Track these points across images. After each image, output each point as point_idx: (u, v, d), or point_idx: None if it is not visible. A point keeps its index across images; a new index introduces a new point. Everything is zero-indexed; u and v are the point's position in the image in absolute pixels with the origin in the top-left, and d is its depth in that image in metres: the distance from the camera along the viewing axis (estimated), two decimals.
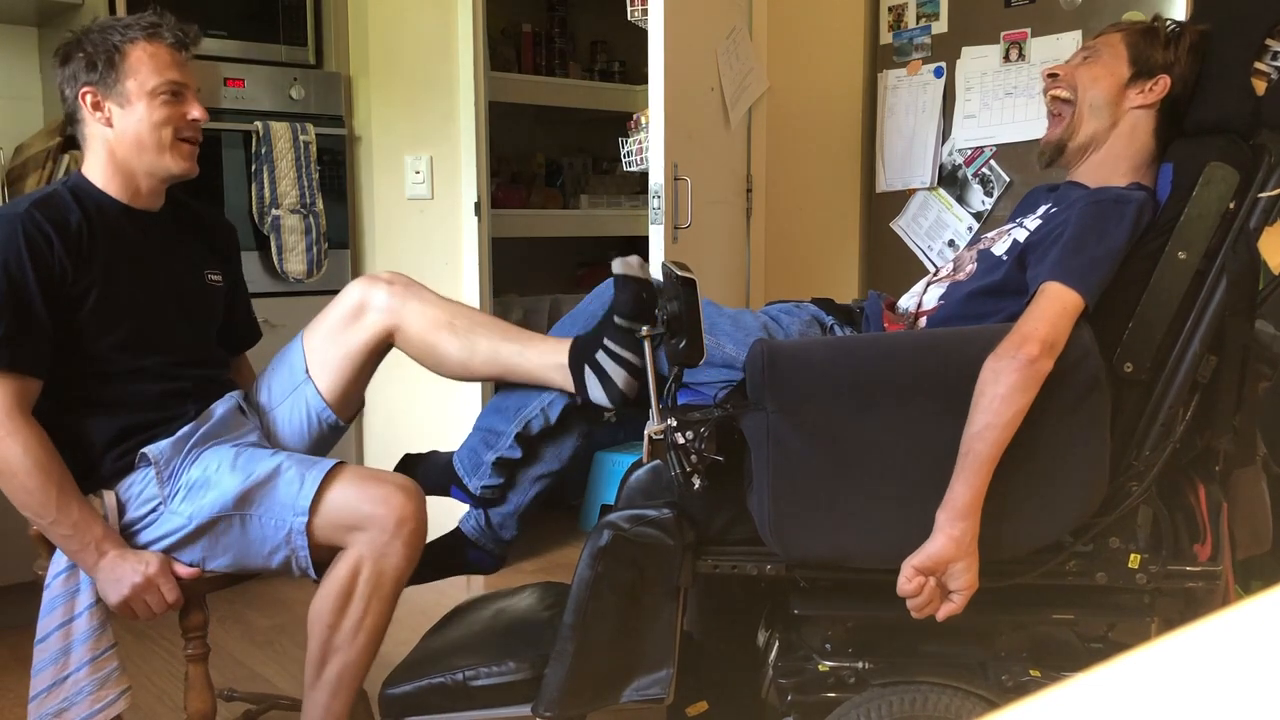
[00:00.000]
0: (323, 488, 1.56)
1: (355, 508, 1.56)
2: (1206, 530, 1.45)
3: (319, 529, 1.56)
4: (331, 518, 1.56)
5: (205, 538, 1.57)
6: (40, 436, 1.51)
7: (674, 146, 2.47)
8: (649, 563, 1.47)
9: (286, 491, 1.56)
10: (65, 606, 1.55)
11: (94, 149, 1.69)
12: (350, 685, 1.60)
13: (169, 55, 1.67)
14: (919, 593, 1.36)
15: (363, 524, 1.55)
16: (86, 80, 1.65)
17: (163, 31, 1.67)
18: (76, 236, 1.59)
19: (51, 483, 1.50)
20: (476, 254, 3.08)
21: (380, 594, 1.57)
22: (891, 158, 3.28)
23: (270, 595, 2.84)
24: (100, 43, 1.64)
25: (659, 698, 1.50)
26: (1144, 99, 1.57)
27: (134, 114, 1.65)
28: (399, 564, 1.57)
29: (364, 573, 1.55)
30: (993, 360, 1.35)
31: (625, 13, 2.66)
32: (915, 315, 1.66)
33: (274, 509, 1.56)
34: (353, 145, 3.17)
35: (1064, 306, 1.38)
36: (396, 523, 1.55)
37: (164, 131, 1.66)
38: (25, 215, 1.55)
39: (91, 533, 1.52)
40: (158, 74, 1.65)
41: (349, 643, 1.58)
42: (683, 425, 1.39)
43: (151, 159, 1.67)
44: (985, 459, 1.33)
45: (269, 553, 1.58)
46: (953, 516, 1.34)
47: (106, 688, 1.53)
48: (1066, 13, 2.85)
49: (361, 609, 1.56)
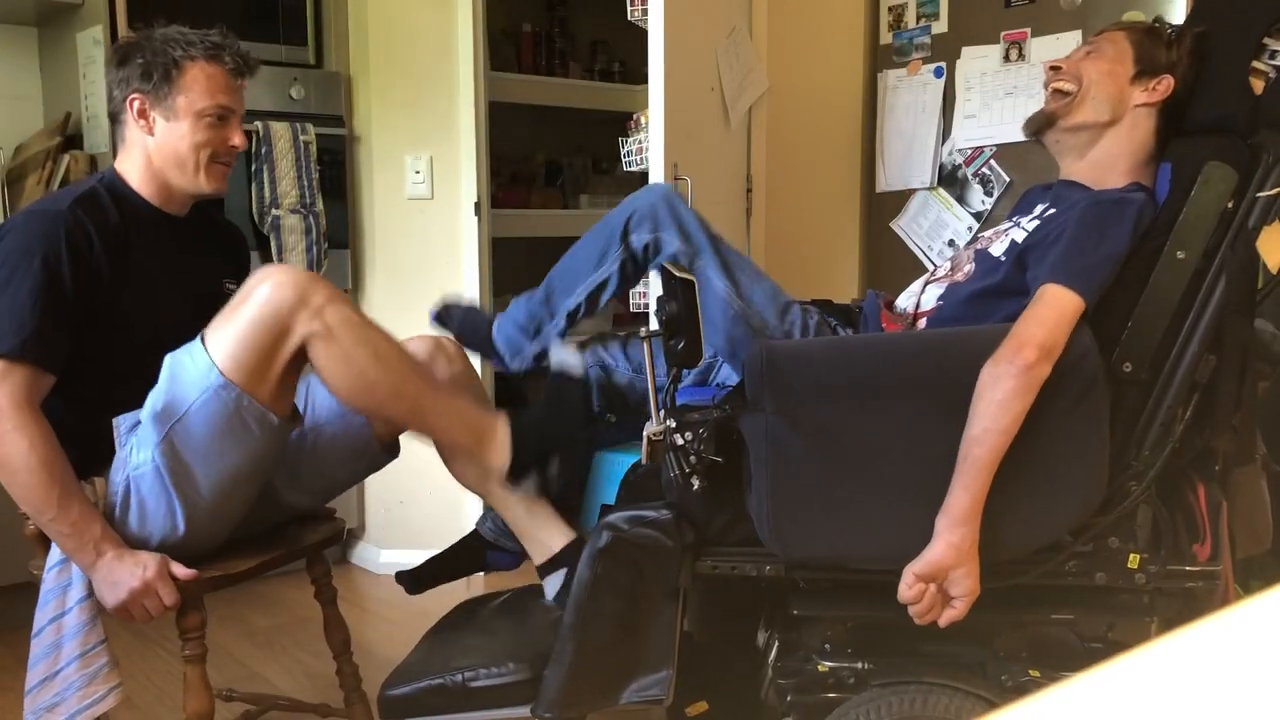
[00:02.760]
0: (210, 343, 1.50)
1: (259, 321, 1.49)
2: (1206, 530, 1.45)
3: (244, 367, 1.49)
4: (246, 349, 1.49)
5: (171, 466, 1.52)
6: (46, 432, 1.50)
7: (674, 146, 2.47)
8: (648, 564, 1.47)
9: (186, 373, 1.51)
10: (57, 601, 1.54)
11: (132, 151, 1.70)
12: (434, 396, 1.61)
13: (225, 79, 1.69)
14: (920, 599, 1.36)
15: (283, 320, 1.49)
16: (139, 88, 1.65)
17: (224, 55, 1.68)
18: (116, 237, 1.60)
19: (55, 480, 1.49)
20: (476, 254, 3.08)
21: (360, 333, 1.53)
22: (891, 158, 3.28)
23: (270, 595, 2.84)
24: (161, 53, 1.65)
25: (659, 698, 1.50)
26: (1148, 97, 1.57)
27: (177, 130, 1.66)
28: (338, 303, 1.52)
29: (333, 333, 1.50)
30: (990, 365, 1.35)
31: (625, 13, 2.66)
32: (914, 316, 1.66)
33: (191, 393, 1.50)
34: (353, 145, 3.17)
35: (1063, 310, 1.38)
36: (296, 285, 1.49)
37: (202, 153, 1.68)
38: (68, 213, 1.57)
39: (90, 532, 1.51)
40: (209, 96, 1.66)
41: (389, 376, 1.54)
42: (682, 426, 1.39)
43: (187, 177, 1.69)
44: (984, 464, 1.33)
45: (227, 429, 1.51)
46: (952, 523, 1.34)
47: (95, 684, 1.51)
48: (1066, 13, 2.85)
49: (365, 352, 1.52)
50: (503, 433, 1.62)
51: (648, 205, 1.67)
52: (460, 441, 1.63)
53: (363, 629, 2.66)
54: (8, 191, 2.77)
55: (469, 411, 1.63)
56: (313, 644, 1.90)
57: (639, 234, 1.66)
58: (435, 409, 1.61)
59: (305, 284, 1.51)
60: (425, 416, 1.61)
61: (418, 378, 1.61)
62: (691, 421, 1.40)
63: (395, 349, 1.59)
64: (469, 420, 1.63)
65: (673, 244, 1.65)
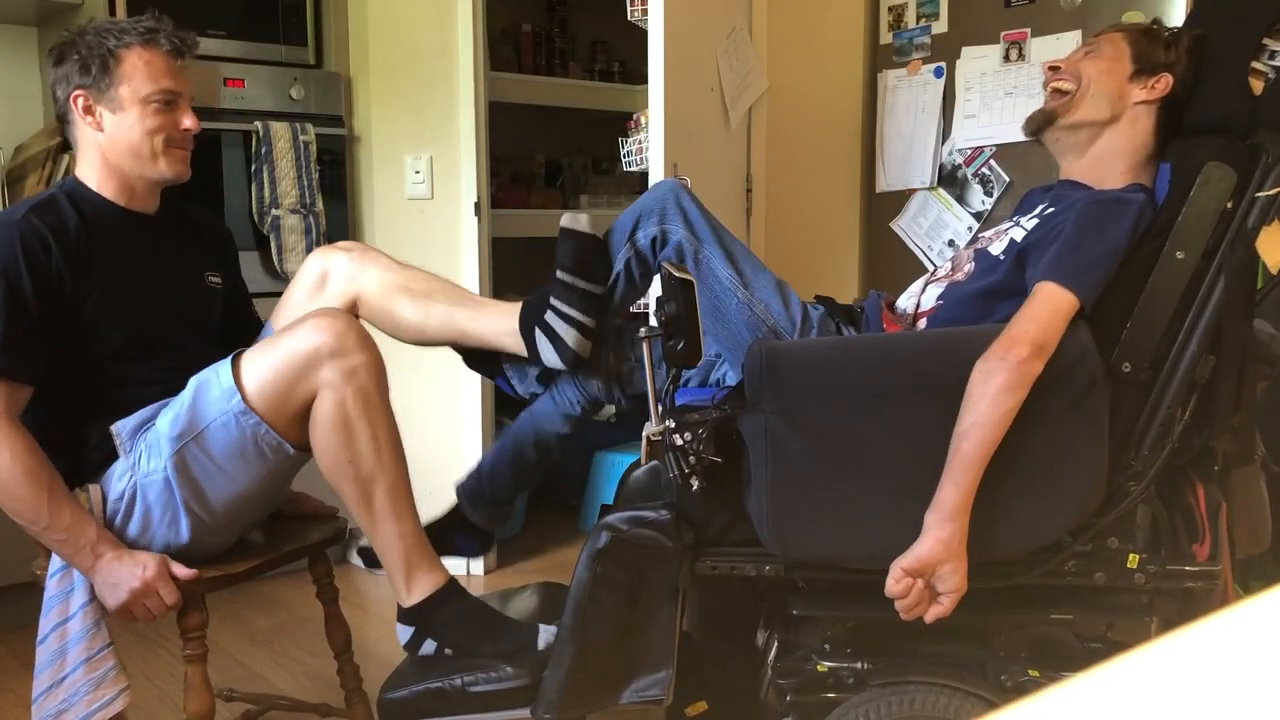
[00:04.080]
0: (243, 367, 1.53)
1: (292, 356, 1.52)
2: (1205, 530, 1.45)
3: (265, 399, 1.52)
4: (272, 380, 1.52)
5: (183, 480, 1.54)
6: (28, 443, 1.49)
7: (674, 146, 2.47)
8: (648, 564, 1.47)
9: (210, 392, 1.53)
10: (60, 607, 1.54)
11: (86, 152, 1.68)
12: (403, 501, 1.58)
13: (164, 62, 1.65)
14: (907, 594, 1.36)
15: (312, 362, 1.51)
16: (79, 83, 1.63)
17: (159, 38, 1.65)
18: (75, 242, 1.58)
19: (41, 489, 1.48)
20: (476, 254, 3.08)
21: (373, 405, 1.53)
22: (891, 158, 3.28)
23: (270, 595, 2.84)
24: (95, 46, 1.62)
25: (658, 699, 1.50)
26: (1147, 95, 1.57)
27: (125, 121, 1.64)
28: (372, 373, 1.53)
29: (346, 397, 1.51)
30: (982, 362, 1.35)
31: (625, 13, 2.66)
32: (914, 316, 1.66)
33: (212, 412, 1.53)
34: (353, 145, 3.17)
35: (1056, 308, 1.38)
36: (338, 336, 1.51)
37: (156, 139, 1.65)
38: (22, 221, 1.54)
39: (85, 535, 1.51)
40: (151, 81, 1.63)
41: (375, 462, 1.54)
42: (681, 427, 1.39)
43: (143, 165, 1.67)
44: (973, 459, 1.33)
45: (241, 453, 1.54)
46: (941, 518, 1.34)
47: (103, 687, 1.51)
48: (1066, 13, 2.85)
49: (366, 428, 1.53)
50: (429, 584, 1.59)
51: (655, 200, 1.69)
52: (390, 560, 1.60)
53: (363, 629, 2.66)
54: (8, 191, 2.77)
55: (414, 538, 1.60)
56: (313, 644, 1.90)
57: (646, 229, 1.66)
58: (388, 518, 1.57)
59: (349, 337, 1.52)
60: (375, 520, 1.57)
61: (394, 480, 1.57)
62: (691, 422, 1.40)
63: (393, 442, 1.57)
64: (409, 546, 1.59)
65: (678, 233, 1.65)
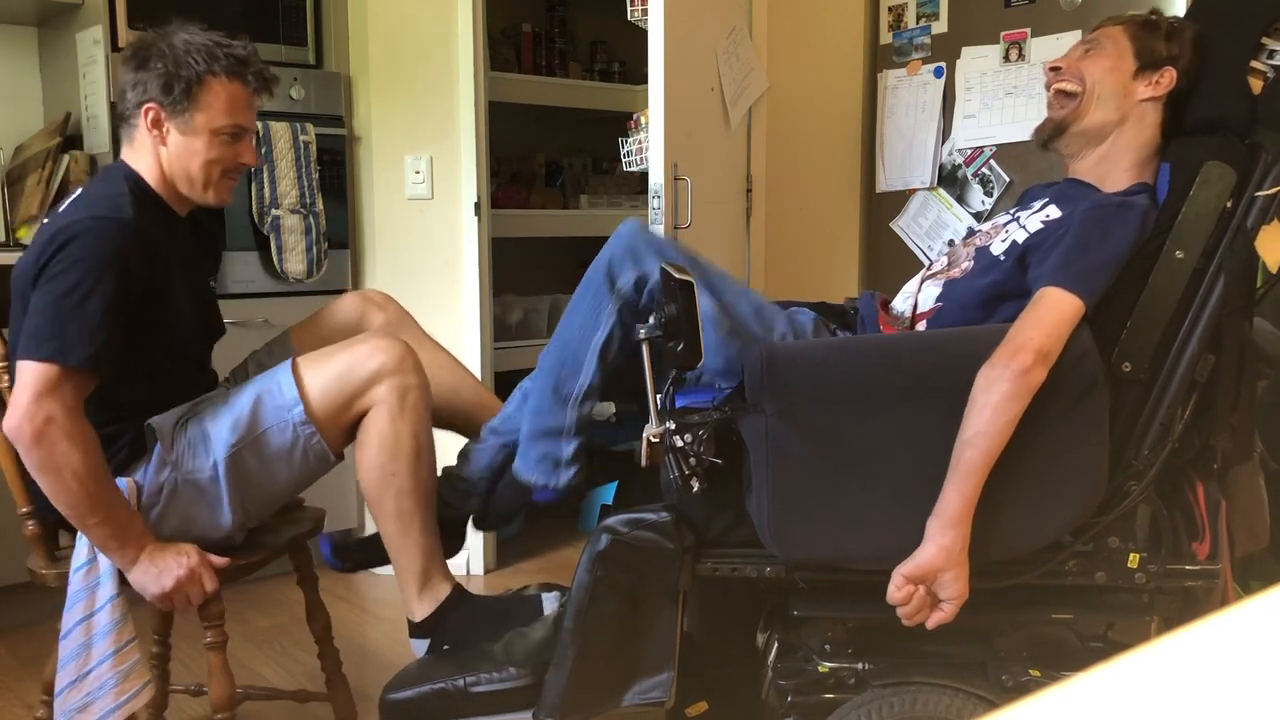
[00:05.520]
0: (304, 376, 1.62)
1: (352, 371, 1.62)
2: (1205, 529, 1.45)
3: (324, 410, 1.62)
4: (333, 393, 1.62)
5: (233, 478, 1.61)
6: (95, 438, 1.52)
7: (674, 146, 2.47)
8: (648, 566, 1.47)
9: (273, 398, 1.62)
10: (86, 602, 1.55)
11: (141, 152, 1.68)
12: (432, 516, 1.67)
13: (244, 98, 1.67)
14: (908, 601, 1.36)
15: (371, 379, 1.62)
16: (156, 98, 1.62)
17: (247, 75, 1.66)
18: (157, 245, 1.60)
19: (103, 485, 1.51)
20: (476, 254, 3.08)
21: (422, 425, 1.64)
22: (891, 158, 3.28)
23: (270, 595, 2.85)
24: (184, 65, 1.61)
25: (660, 701, 1.50)
26: (1152, 91, 1.55)
27: (191, 146, 1.65)
28: (424, 395, 1.65)
29: (400, 415, 1.62)
30: (986, 368, 1.34)
31: (625, 13, 2.66)
32: (913, 318, 1.65)
33: (272, 417, 1.61)
34: (353, 145, 3.17)
35: (1062, 314, 1.37)
36: (399, 359, 1.62)
37: (214, 170, 1.67)
38: (136, 223, 1.55)
39: (134, 529, 1.54)
40: (228, 115, 1.64)
41: (414, 478, 1.64)
42: (681, 428, 1.39)
43: (195, 190, 1.69)
44: (976, 467, 1.33)
45: (288, 456, 1.63)
46: (943, 525, 1.34)
47: (130, 680, 1.54)
48: (1066, 13, 2.85)
49: (413, 445, 1.64)
50: (440, 594, 1.66)
51: (623, 246, 1.62)
52: (403, 569, 1.67)
53: (363, 629, 2.66)
54: (8, 191, 2.77)
55: (436, 552, 1.68)
56: (313, 644, 1.91)
57: (624, 275, 1.60)
58: (416, 528, 1.66)
59: (407, 361, 1.64)
60: (404, 529, 1.66)
61: (427, 495, 1.67)
62: (691, 423, 1.40)
63: (431, 458, 1.68)
64: (425, 563, 1.67)
65: (657, 272, 1.62)
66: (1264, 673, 0.38)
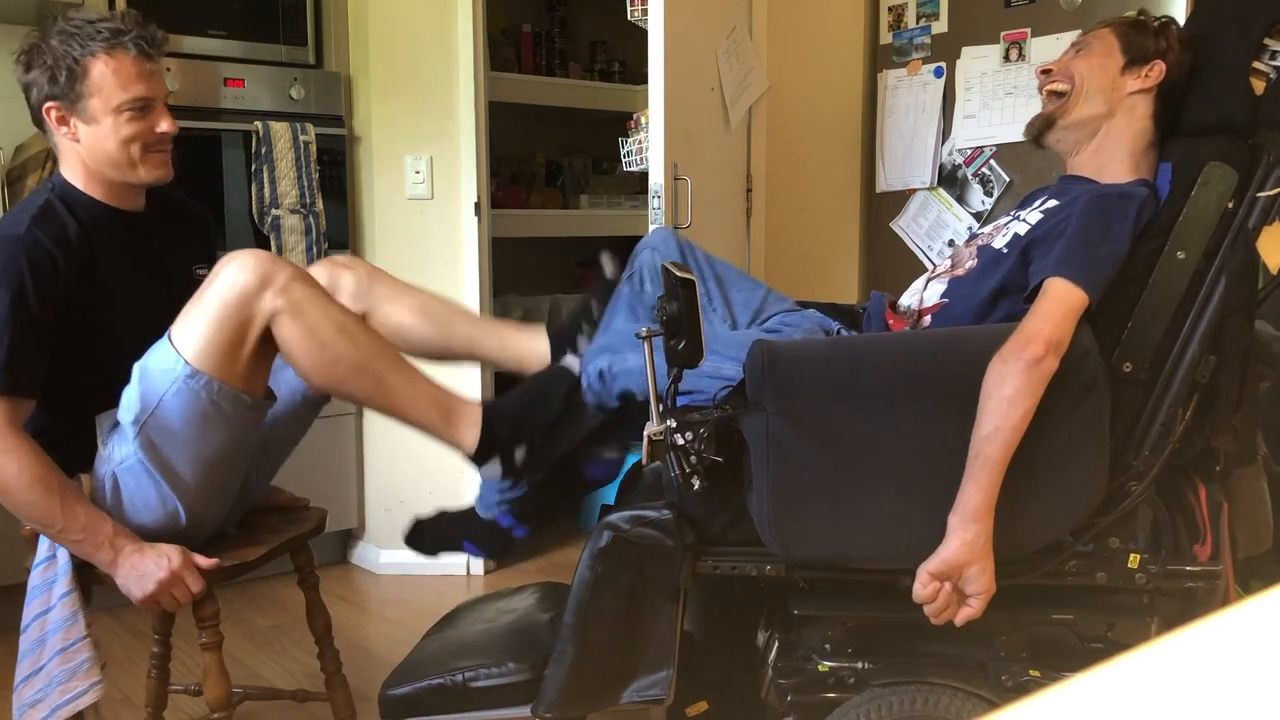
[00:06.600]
0: (177, 335, 1.52)
1: (224, 304, 1.50)
2: (1206, 530, 1.45)
3: (213, 354, 1.51)
4: (214, 334, 1.50)
5: (153, 459, 1.54)
6: (34, 450, 1.50)
7: (674, 146, 2.47)
8: (649, 564, 1.47)
9: (157, 364, 1.52)
10: (43, 597, 1.54)
11: (67, 156, 1.67)
12: (405, 366, 1.59)
13: (133, 67, 1.60)
14: (935, 598, 1.36)
15: (246, 299, 1.50)
16: (50, 94, 1.60)
17: (125, 41, 1.60)
18: (78, 250, 1.58)
19: (52, 493, 1.49)
20: (476, 254, 3.08)
21: (324, 308, 1.54)
22: (891, 158, 3.28)
23: (270, 595, 2.85)
24: (61, 54, 1.59)
25: (659, 698, 1.50)
26: (1141, 84, 1.57)
27: (100, 132, 1.61)
28: (303, 280, 1.53)
29: (296, 312, 1.51)
30: (998, 363, 1.34)
31: (625, 13, 2.66)
32: (918, 314, 1.66)
33: (161, 385, 1.52)
34: (353, 145, 3.17)
35: (1069, 305, 1.38)
36: (258, 266, 1.50)
37: (133, 148, 1.63)
38: (28, 236, 1.54)
39: (102, 531, 1.52)
40: (122, 90, 1.59)
41: (357, 349, 1.54)
42: (682, 426, 1.39)
43: (124, 172, 1.65)
44: (996, 462, 1.33)
45: (199, 417, 1.53)
46: (965, 520, 1.34)
47: (76, 679, 1.51)
48: (1066, 13, 2.85)
49: (330, 325, 1.53)
50: (472, 413, 1.59)
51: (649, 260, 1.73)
52: (427, 418, 1.59)
53: (363, 629, 2.66)
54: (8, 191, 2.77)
55: (436, 388, 1.60)
56: (312, 644, 1.91)
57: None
58: (401, 384, 1.58)
59: (267, 264, 1.51)
60: (391, 393, 1.58)
61: (384, 353, 1.58)
62: (692, 421, 1.40)
63: (360, 324, 1.59)
64: (436, 397, 1.59)
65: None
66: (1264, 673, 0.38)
